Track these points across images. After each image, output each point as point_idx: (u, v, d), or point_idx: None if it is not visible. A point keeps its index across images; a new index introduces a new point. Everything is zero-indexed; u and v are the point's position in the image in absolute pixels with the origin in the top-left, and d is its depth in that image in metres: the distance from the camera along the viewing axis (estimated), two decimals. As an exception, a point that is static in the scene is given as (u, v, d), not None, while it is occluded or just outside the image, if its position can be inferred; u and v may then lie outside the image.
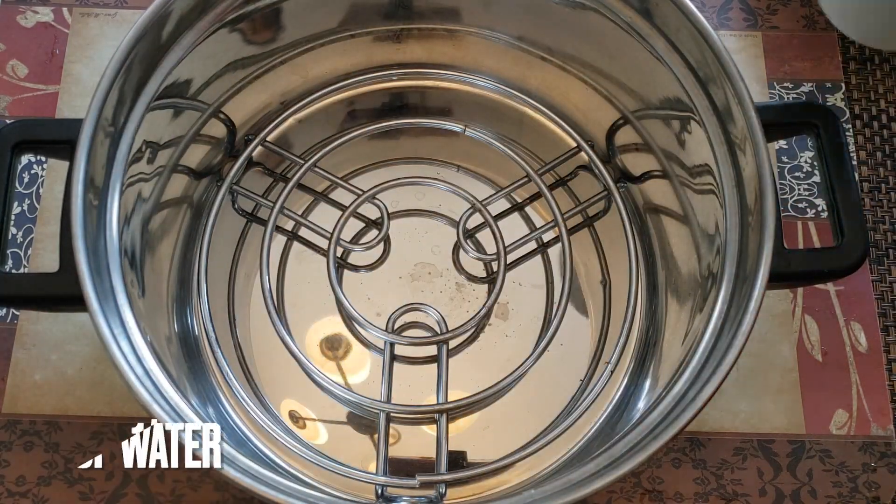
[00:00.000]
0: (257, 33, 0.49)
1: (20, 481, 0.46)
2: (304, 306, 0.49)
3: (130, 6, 0.57)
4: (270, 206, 0.49)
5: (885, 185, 0.54)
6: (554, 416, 0.47)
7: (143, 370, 0.37)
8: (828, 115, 0.43)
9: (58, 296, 0.39)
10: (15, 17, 0.57)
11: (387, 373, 0.47)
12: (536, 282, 0.50)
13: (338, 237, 0.49)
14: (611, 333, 0.49)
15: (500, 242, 0.49)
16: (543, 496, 0.36)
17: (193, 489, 0.46)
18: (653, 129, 0.49)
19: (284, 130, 0.53)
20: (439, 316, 0.49)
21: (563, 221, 0.49)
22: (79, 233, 0.37)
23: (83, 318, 0.37)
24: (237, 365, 0.48)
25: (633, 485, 0.47)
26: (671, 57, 0.44)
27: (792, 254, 0.40)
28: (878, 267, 0.52)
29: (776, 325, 0.50)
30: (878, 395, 0.49)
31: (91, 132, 0.39)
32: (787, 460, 0.48)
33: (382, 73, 0.54)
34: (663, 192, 0.50)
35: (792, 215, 0.53)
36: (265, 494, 0.35)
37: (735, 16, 0.58)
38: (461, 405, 0.46)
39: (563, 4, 0.48)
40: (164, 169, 0.47)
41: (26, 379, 0.48)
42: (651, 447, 0.36)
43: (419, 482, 0.43)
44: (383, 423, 0.45)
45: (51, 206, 0.52)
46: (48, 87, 0.55)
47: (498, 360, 0.48)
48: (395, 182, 0.51)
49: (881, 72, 0.57)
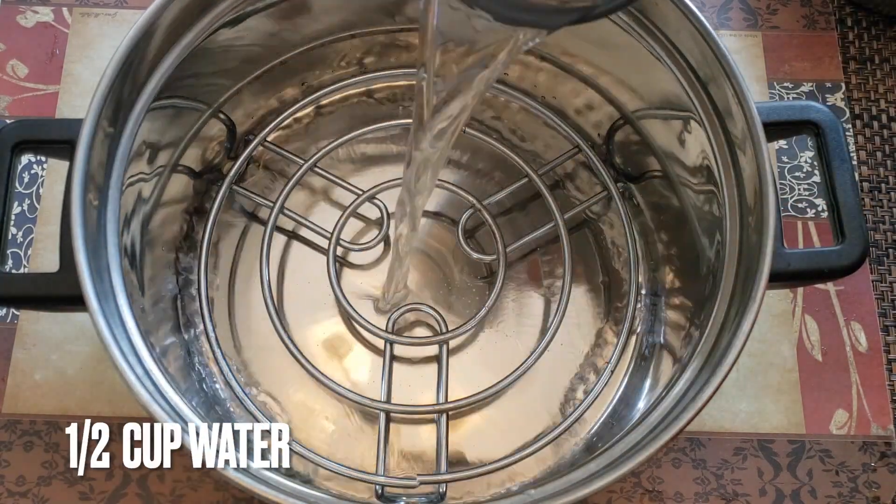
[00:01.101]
0: (258, 33, 0.49)
1: (20, 481, 0.46)
2: (303, 306, 0.49)
3: (130, 6, 0.57)
4: (270, 207, 0.49)
5: (885, 185, 0.54)
6: (554, 417, 0.47)
7: (143, 370, 0.37)
8: (828, 114, 0.43)
9: (58, 296, 0.39)
10: (15, 17, 0.57)
11: (387, 373, 0.47)
12: (537, 281, 0.50)
13: (338, 237, 0.49)
14: (611, 333, 0.49)
15: (500, 242, 0.49)
16: (543, 496, 0.36)
17: (193, 489, 0.46)
18: (653, 129, 0.49)
19: (284, 130, 0.53)
20: (439, 316, 0.49)
21: (563, 221, 0.49)
22: (79, 233, 0.37)
23: (83, 318, 0.37)
24: (237, 364, 0.48)
25: (633, 485, 0.47)
26: (671, 57, 0.44)
27: (792, 254, 0.40)
28: (878, 267, 0.52)
29: (776, 325, 0.50)
30: (878, 395, 0.49)
31: (91, 132, 0.39)
32: (787, 460, 0.48)
33: (382, 72, 0.54)
34: (663, 192, 0.50)
35: (792, 215, 0.53)
36: (265, 494, 0.35)
37: (735, 16, 0.58)
38: (461, 405, 0.46)
39: (563, 4, 0.48)
40: (164, 169, 0.47)
41: (26, 379, 0.48)
42: (651, 447, 0.36)
43: (419, 482, 0.43)
44: (383, 423, 0.45)
45: (51, 206, 0.52)
46: (48, 87, 0.55)
47: (498, 360, 0.48)
48: (395, 182, 0.51)
49: (881, 72, 0.57)
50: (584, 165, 0.52)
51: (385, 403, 0.46)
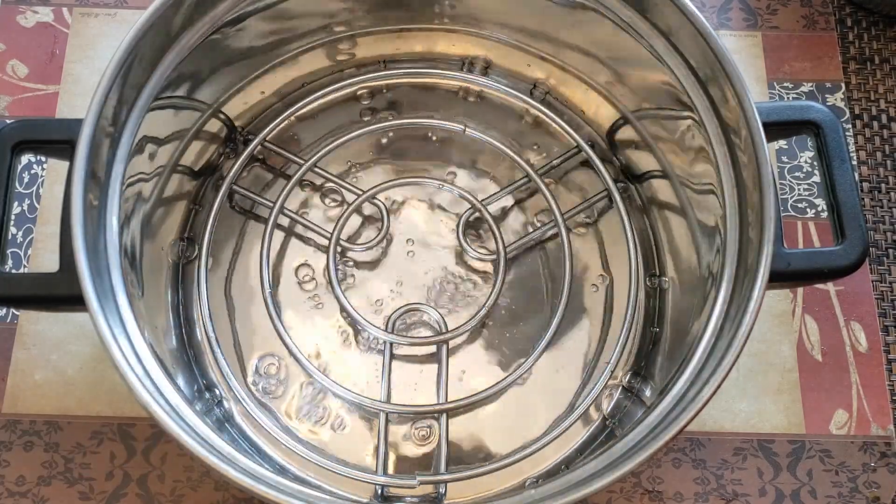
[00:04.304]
0: (258, 32, 0.49)
1: (20, 481, 0.46)
2: (303, 306, 0.49)
3: (130, 6, 0.57)
4: (270, 206, 0.49)
5: (885, 185, 0.54)
6: (554, 416, 0.47)
7: (143, 370, 0.37)
8: (828, 115, 0.43)
9: (58, 296, 0.39)
10: (15, 17, 0.57)
11: (386, 373, 0.47)
12: (537, 281, 0.50)
13: (338, 237, 0.49)
14: (611, 333, 0.49)
15: (500, 242, 0.49)
16: (543, 496, 0.36)
17: (193, 489, 0.46)
18: (653, 128, 0.49)
19: (284, 130, 0.53)
20: (439, 315, 0.49)
21: (563, 221, 0.49)
22: (79, 233, 0.37)
23: (83, 318, 0.37)
24: (236, 364, 0.48)
25: (633, 485, 0.47)
26: (671, 57, 0.44)
27: (792, 254, 0.40)
28: (878, 267, 0.52)
29: (776, 325, 0.50)
30: (878, 395, 0.49)
31: (91, 132, 0.39)
32: (787, 460, 0.48)
33: (383, 72, 0.54)
34: (663, 191, 0.50)
35: (792, 215, 0.53)
36: (265, 494, 0.35)
37: (735, 16, 0.58)
38: (461, 405, 0.46)
39: (562, 4, 0.48)
40: (164, 168, 0.47)
41: (26, 379, 0.48)
42: (651, 447, 0.36)
43: (419, 482, 0.43)
44: (383, 423, 0.45)
45: (51, 206, 0.52)
46: (48, 87, 0.55)
47: (498, 360, 0.48)
48: (395, 182, 0.51)
49: (881, 72, 0.57)
50: (585, 165, 0.52)
51: (385, 403, 0.46)
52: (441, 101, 0.54)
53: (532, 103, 0.53)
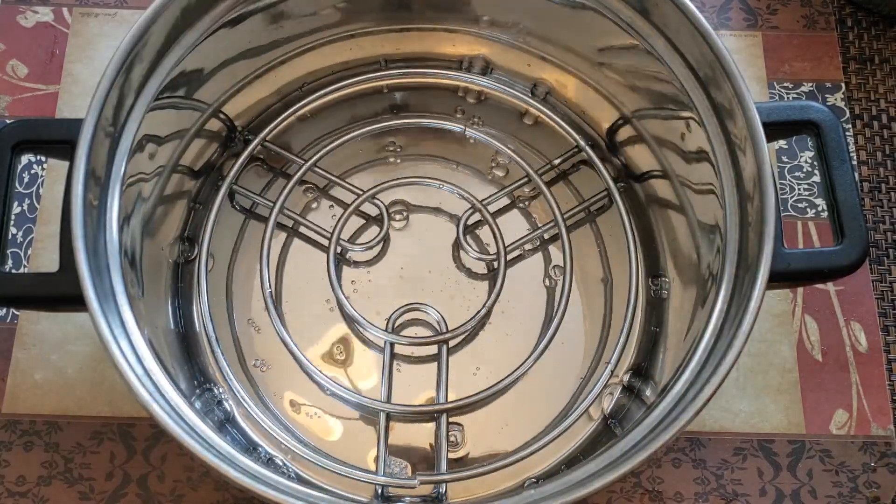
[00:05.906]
0: (258, 32, 0.49)
1: (20, 481, 0.46)
2: (303, 305, 0.49)
3: (130, 6, 0.57)
4: (270, 206, 0.49)
5: (886, 185, 0.54)
6: (554, 416, 0.47)
7: (143, 370, 0.38)
8: (828, 115, 0.43)
9: (58, 296, 0.39)
10: (15, 17, 0.57)
11: (387, 372, 0.47)
12: (537, 281, 0.50)
13: (338, 237, 0.49)
14: (611, 333, 0.49)
15: (501, 242, 0.49)
16: (543, 496, 0.36)
17: (193, 489, 0.46)
18: (653, 129, 0.49)
19: (284, 129, 0.53)
20: (439, 315, 0.49)
21: (563, 221, 0.49)
22: (79, 233, 0.37)
23: (83, 318, 0.37)
24: (236, 364, 0.48)
25: (633, 485, 0.47)
26: (671, 57, 0.44)
27: (792, 254, 0.40)
28: (878, 267, 0.52)
29: (776, 325, 0.50)
30: (878, 395, 0.49)
31: (91, 132, 0.39)
32: (787, 460, 0.48)
33: (383, 72, 0.54)
34: (663, 191, 0.50)
35: (792, 215, 0.53)
36: (265, 494, 0.35)
37: (735, 16, 0.58)
38: (461, 405, 0.46)
39: (562, 4, 0.48)
40: (164, 168, 0.47)
41: (26, 379, 0.48)
42: (651, 447, 0.36)
43: (419, 482, 0.43)
44: (383, 423, 0.45)
45: (51, 206, 0.52)
46: (48, 87, 0.55)
47: (498, 359, 0.48)
48: (394, 182, 0.51)
49: (881, 72, 0.57)
50: (585, 165, 0.52)
51: (385, 403, 0.46)
52: (441, 101, 0.54)
53: (532, 103, 0.53)
